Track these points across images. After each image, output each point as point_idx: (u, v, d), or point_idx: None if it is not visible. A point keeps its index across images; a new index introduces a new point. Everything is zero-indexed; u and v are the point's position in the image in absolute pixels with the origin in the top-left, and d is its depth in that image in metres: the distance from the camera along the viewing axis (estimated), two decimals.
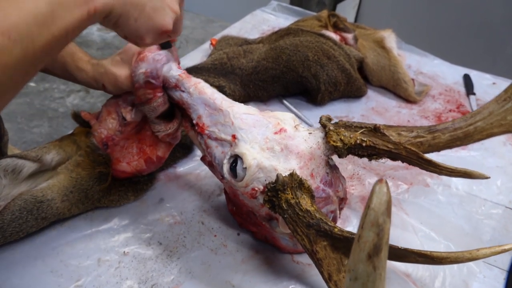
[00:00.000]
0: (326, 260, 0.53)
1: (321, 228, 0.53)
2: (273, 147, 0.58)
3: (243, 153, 0.58)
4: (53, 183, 0.66)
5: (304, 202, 0.55)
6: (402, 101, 1.06)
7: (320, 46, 0.99)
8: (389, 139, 0.57)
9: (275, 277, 0.64)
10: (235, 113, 0.61)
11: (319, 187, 0.59)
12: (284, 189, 0.55)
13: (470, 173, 0.57)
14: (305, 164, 0.58)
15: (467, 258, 0.51)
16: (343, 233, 0.52)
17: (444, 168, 0.57)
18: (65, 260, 0.64)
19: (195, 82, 0.63)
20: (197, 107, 0.63)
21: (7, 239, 0.63)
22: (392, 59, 1.05)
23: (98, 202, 0.71)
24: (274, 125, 0.60)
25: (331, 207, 0.63)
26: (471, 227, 0.74)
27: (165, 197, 0.76)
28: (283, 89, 1.01)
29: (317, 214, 0.54)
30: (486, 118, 0.60)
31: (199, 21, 3.04)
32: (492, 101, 0.61)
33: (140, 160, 0.71)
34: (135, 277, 0.63)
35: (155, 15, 0.51)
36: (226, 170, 0.60)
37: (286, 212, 0.55)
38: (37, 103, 2.11)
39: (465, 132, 0.60)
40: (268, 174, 0.57)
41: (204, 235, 0.70)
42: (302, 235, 0.55)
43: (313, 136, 0.61)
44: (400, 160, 0.59)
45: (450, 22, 2.21)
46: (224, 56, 1.01)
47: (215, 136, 0.61)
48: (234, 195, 0.63)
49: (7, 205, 0.62)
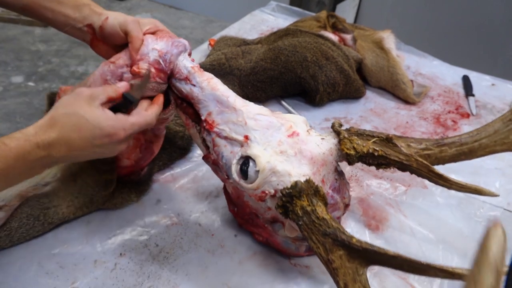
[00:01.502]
0: (342, 270, 0.52)
1: (338, 237, 0.52)
2: (287, 151, 0.57)
3: (257, 155, 0.56)
4: (58, 187, 0.66)
5: (320, 210, 0.54)
6: (401, 102, 1.06)
7: (319, 47, 0.99)
8: (400, 150, 0.58)
9: (272, 279, 0.64)
10: (249, 113, 0.59)
11: (329, 193, 0.59)
12: (300, 195, 0.54)
13: (480, 190, 0.58)
14: (318, 170, 0.57)
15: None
16: (361, 244, 0.51)
17: (454, 183, 0.57)
18: (61, 261, 0.64)
19: (208, 77, 0.61)
20: (208, 103, 0.60)
21: (14, 243, 0.64)
22: (391, 60, 1.05)
23: (103, 205, 0.71)
24: (286, 128, 0.58)
25: (338, 213, 0.62)
26: (470, 229, 0.74)
27: (162, 198, 0.76)
28: (281, 90, 1.01)
29: (333, 223, 0.53)
30: (491, 135, 0.61)
31: (198, 21, 3.04)
32: (498, 120, 0.61)
33: (136, 149, 0.70)
34: (132, 279, 0.63)
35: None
36: (235, 170, 0.58)
37: (301, 219, 0.54)
38: (36, 103, 2.11)
39: (470, 148, 0.60)
40: (281, 178, 0.55)
41: (201, 237, 0.70)
42: (318, 243, 0.53)
43: (326, 141, 0.60)
44: (409, 172, 0.59)
45: (450, 23, 2.20)
46: (222, 57, 1.01)
47: (225, 134, 0.59)
48: (238, 196, 0.62)
49: (14, 212, 0.63)
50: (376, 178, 0.83)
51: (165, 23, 3.10)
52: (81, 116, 0.52)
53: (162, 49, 0.59)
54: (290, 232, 0.59)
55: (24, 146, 0.49)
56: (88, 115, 0.52)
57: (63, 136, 0.51)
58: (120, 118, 0.54)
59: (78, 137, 0.52)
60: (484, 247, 0.32)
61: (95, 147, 0.53)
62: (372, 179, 0.83)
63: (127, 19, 0.61)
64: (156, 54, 0.59)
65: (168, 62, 0.59)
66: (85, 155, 0.55)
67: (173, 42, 0.60)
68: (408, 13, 2.30)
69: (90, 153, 0.54)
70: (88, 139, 0.52)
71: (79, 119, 0.52)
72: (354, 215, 0.75)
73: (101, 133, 0.52)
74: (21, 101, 2.12)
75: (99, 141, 0.53)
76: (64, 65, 2.44)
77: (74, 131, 0.51)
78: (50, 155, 0.51)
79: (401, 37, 1.18)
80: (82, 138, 0.52)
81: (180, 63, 0.60)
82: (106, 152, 0.56)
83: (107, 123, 0.53)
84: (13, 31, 2.68)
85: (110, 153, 0.56)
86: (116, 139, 0.54)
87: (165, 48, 0.59)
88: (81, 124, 0.52)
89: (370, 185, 0.81)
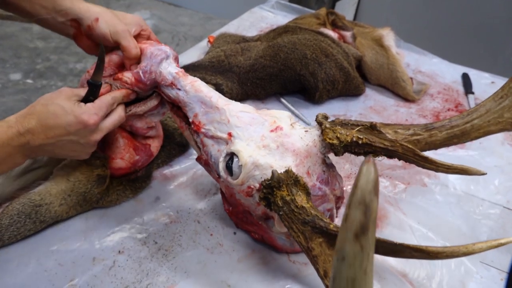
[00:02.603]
0: (322, 257, 0.53)
1: (317, 224, 0.53)
2: (269, 145, 0.58)
3: (239, 150, 0.57)
4: (51, 185, 0.66)
5: (299, 199, 0.55)
6: (400, 99, 1.06)
7: (318, 44, 0.99)
8: (385, 136, 0.57)
9: (271, 276, 0.64)
10: (231, 111, 0.60)
11: (316, 185, 0.59)
12: (279, 186, 0.55)
13: (467, 169, 0.57)
14: (301, 162, 0.58)
15: (462, 253, 0.51)
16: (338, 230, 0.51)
17: (441, 165, 0.56)
18: (59, 259, 0.64)
19: (191, 80, 0.63)
20: (193, 105, 0.62)
21: (4, 242, 0.63)
22: (390, 58, 1.05)
23: (97, 204, 0.70)
24: (270, 123, 0.60)
25: (328, 205, 0.62)
26: (469, 227, 0.74)
27: (161, 196, 0.76)
28: (280, 87, 1.01)
29: (312, 210, 0.54)
30: (483, 115, 0.60)
31: (197, 18, 3.03)
32: (489, 99, 0.60)
33: (130, 150, 0.70)
34: (130, 276, 0.62)
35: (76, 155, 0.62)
36: (222, 168, 0.59)
37: (281, 209, 0.55)
38: (34, 100, 2.09)
39: (462, 130, 0.60)
40: (264, 171, 0.57)
41: (200, 234, 0.69)
42: (298, 232, 0.54)
43: (309, 134, 0.60)
44: (397, 158, 0.58)
45: (449, 20, 2.20)
46: (221, 54, 1.00)
47: (211, 134, 0.61)
48: (231, 195, 0.63)
49: (5, 209, 0.62)
50: None
51: (164, 20, 3.07)
52: (58, 105, 0.56)
53: (143, 67, 0.62)
54: (279, 226, 0.60)
55: (7, 132, 0.54)
56: (65, 105, 0.57)
57: (41, 123, 0.55)
58: (89, 105, 0.59)
59: (54, 124, 0.56)
60: (354, 183, 0.31)
61: (71, 135, 0.57)
62: None
63: (117, 29, 0.62)
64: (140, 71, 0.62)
65: (148, 73, 0.62)
66: (62, 145, 0.58)
67: (152, 53, 0.62)
68: (408, 10, 2.30)
69: (67, 142, 0.58)
70: (64, 126, 0.56)
71: (56, 108, 0.56)
72: None
73: (75, 120, 0.57)
74: (19, 98, 2.11)
75: (73, 128, 0.57)
76: (63, 62, 2.43)
77: (51, 118, 0.56)
78: (29, 142, 0.55)
79: (400, 35, 1.17)
80: (58, 124, 0.56)
81: (165, 70, 0.63)
82: (82, 142, 0.59)
83: (80, 111, 0.57)
84: (11, 28, 2.67)
85: (86, 143, 0.59)
86: (90, 125, 0.58)
87: (144, 64, 0.63)
88: (58, 112, 0.56)
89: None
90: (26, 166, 0.67)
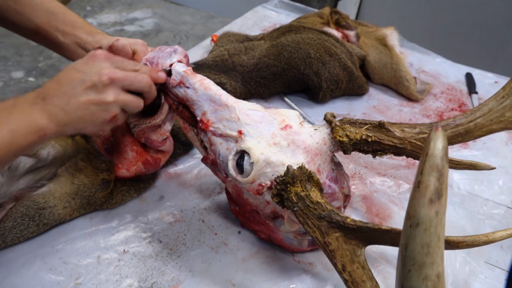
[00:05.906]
0: (339, 251, 0.53)
1: (333, 219, 0.53)
2: (280, 142, 0.58)
3: (250, 147, 0.57)
4: (55, 188, 0.66)
5: (314, 195, 0.55)
6: (404, 99, 1.06)
7: (322, 43, 0.99)
8: (394, 134, 0.58)
9: (276, 276, 0.64)
10: (241, 109, 0.60)
11: (325, 183, 0.59)
12: (293, 182, 0.54)
13: (476, 164, 0.58)
14: (312, 159, 0.58)
15: (483, 241, 0.52)
16: (356, 223, 0.52)
17: (450, 160, 0.57)
18: (64, 258, 0.64)
19: (200, 79, 0.63)
20: (202, 103, 0.62)
21: (7, 244, 0.63)
22: (394, 57, 1.04)
23: (101, 207, 0.70)
24: (279, 122, 0.60)
25: (337, 203, 0.62)
26: (473, 227, 0.74)
27: (165, 195, 0.76)
28: (284, 87, 1.01)
29: (328, 206, 0.54)
30: (485, 114, 0.61)
31: (199, 17, 3.03)
32: (491, 98, 0.61)
33: (138, 163, 0.70)
34: (135, 275, 0.62)
35: (92, 118, 0.56)
36: (232, 166, 0.59)
37: (296, 205, 0.55)
38: None
39: (466, 129, 0.61)
40: (276, 168, 0.57)
41: (205, 233, 0.70)
42: (314, 228, 0.54)
43: (318, 132, 0.61)
44: (405, 155, 0.59)
45: (453, 20, 2.20)
46: (225, 53, 1.00)
47: (220, 132, 0.60)
48: (238, 194, 0.63)
49: (9, 212, 0.62)
50: (380, 175, 0.83)
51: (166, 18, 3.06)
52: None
53: (149, 56, 0.64)
54: (290, 225, 0.60)
55: (25, 96, 0.54)
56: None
57: (54, 77, 0.56)
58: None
59: (64, 70, 0.56)
60: (426, 151, 0.32)
61: (80, 72, 0.54)
62: (376, 176, 0.83)
63: (137, 41, 0.66)
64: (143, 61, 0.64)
65: (155, 65, 0.63)
66: (75, 93, 0.53)
67: (160, 48, 0.65)
68: (410, 10, 2.29)
69: (78, 83, 0.54)
70: (72, 66, 0.56)
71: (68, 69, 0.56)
72: (357, 213, 0.75)
73: (81, 59, 0.57)
74: None
75: (80, 65, 0.55)
76: (65, 60, 2.42)
77: (63, 72, 0.56)
78: (45, 98, 0.53)
79: (403, 34, 1.17)
80: (68, 68, 0.56)
81: (172, 69, 0.63)
82: (94, 79, 0.54)
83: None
84: None
85: (100, 101, 0.55)
86: (98, 59, 0.56)
87: (151, 55, 0.64)
88: (69, 66, 0.56)
89: (374, 183, 0.81)
90: (30, 165, 0.67)
